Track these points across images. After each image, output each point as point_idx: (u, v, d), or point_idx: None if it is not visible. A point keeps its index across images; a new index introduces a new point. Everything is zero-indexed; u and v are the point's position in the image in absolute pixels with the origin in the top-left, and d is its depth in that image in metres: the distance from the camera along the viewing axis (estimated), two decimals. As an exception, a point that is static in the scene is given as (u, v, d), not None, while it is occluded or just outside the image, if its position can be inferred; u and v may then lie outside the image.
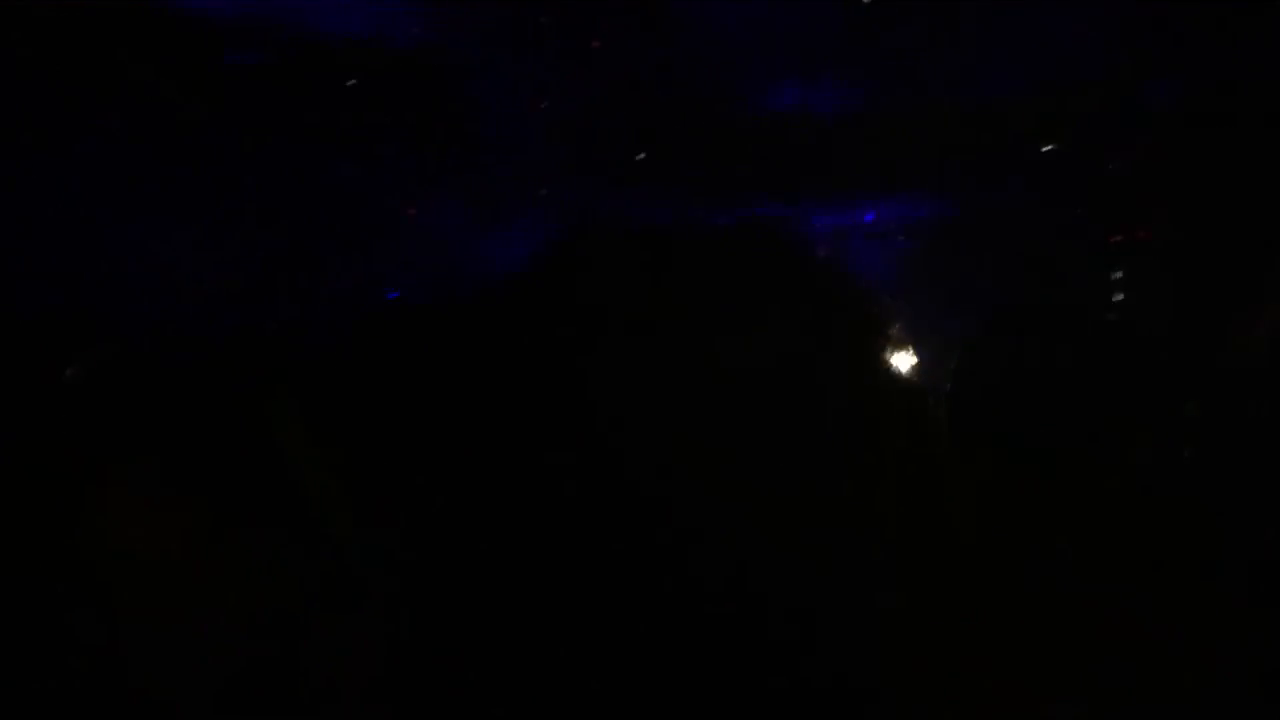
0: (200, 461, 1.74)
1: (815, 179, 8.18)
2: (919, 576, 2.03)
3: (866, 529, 2.03)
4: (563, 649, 1.86)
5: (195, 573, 1.69)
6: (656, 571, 1.83)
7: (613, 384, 1.90)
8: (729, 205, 8.64)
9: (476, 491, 1.95)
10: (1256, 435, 3.19)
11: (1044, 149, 7.50)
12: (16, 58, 6.83)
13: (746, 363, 1.99)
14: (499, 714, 1.84)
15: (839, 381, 2.07)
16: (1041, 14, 7.35)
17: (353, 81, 8.03)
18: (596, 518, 1.88)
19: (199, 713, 1.71)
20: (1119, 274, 7.28)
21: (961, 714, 2.03)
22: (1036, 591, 2.37)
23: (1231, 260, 6.48)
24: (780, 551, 1.90)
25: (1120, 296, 7.25)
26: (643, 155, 8.47)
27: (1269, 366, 3.80)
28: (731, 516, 1.90)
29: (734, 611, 1.84)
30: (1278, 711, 2.25)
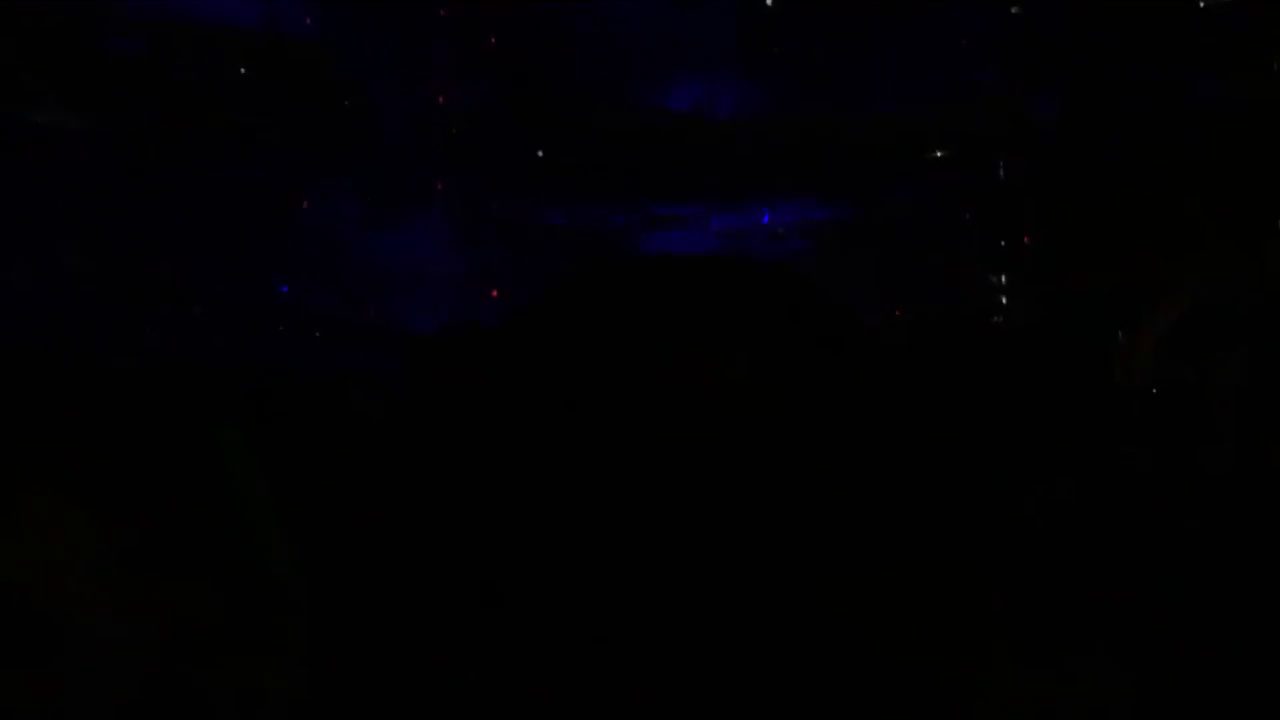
0: (137, 483, 1.70)
1: (712, 180, 8.29)
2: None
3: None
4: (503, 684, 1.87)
5: (118, 595, 1.65)
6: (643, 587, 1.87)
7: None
8: (628, 205, 8.69)
9: (420, 521, 1.96)
10: (1143, 447, 3.32)
11: (935, 155, 7.71)
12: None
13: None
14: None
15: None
16: (934, 27, 7.57)
17: (243, 72, 7.88)
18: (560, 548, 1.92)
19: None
20: (1005, 278, 7.52)
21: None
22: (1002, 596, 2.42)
23: (1114, 267, 6.75)
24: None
25: (1005, 301, 7.50)
26: (540, 153, 8.48)
27: (1154, 372, 3.93)
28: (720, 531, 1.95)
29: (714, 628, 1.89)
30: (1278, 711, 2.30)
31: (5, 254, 6.69)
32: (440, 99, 8.41)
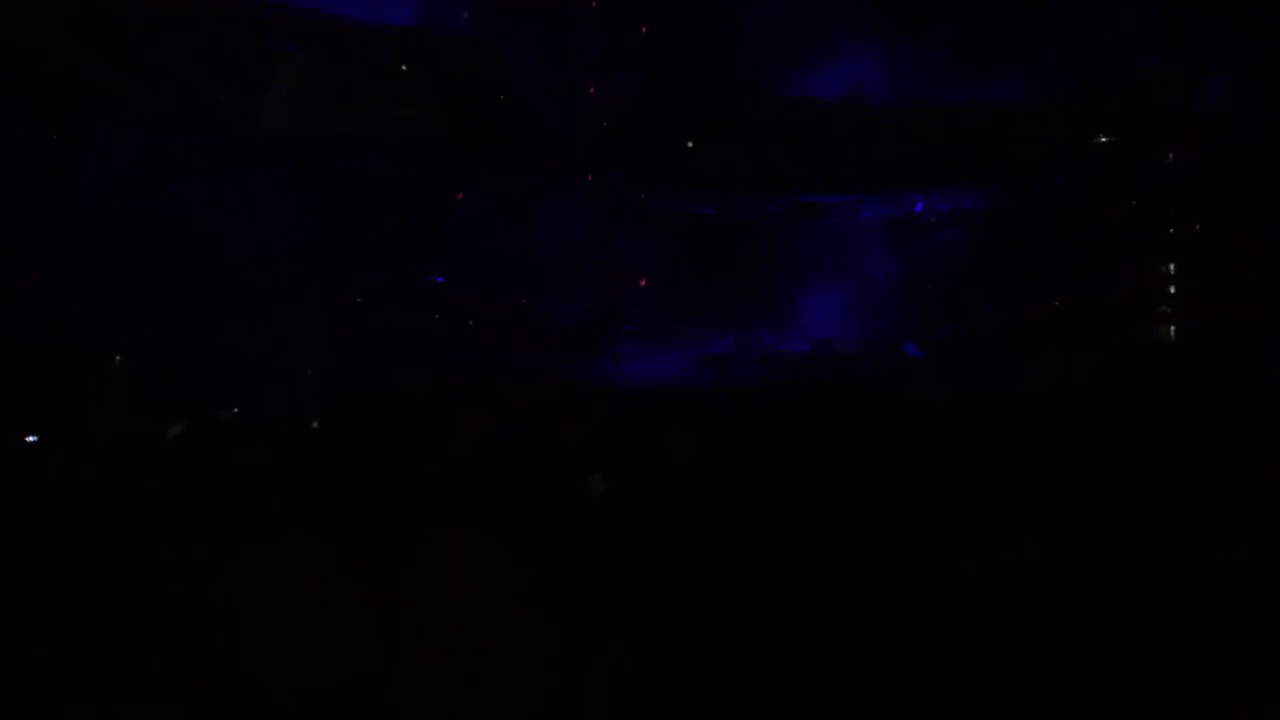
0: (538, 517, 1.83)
1: (863, 168, 8.18)
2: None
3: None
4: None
5: (520, 617, 1.79)
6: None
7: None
8: (777, 195, 8.65)
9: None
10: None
11: (1095, 143, 7.48)
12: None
13: None
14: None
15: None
16: (1095, 9, 7.31)
17: (402, 69, 8.06)
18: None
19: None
20: (1171, 267, 7.26)
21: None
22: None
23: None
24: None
25: (1173, 290, 7.24)
26: (690, 144, 8.49)
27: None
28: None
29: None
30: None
31: (179, 259, 6.96)
32: (590, 91, 8.49)
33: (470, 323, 8.49)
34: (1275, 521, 2.85)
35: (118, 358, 6.24)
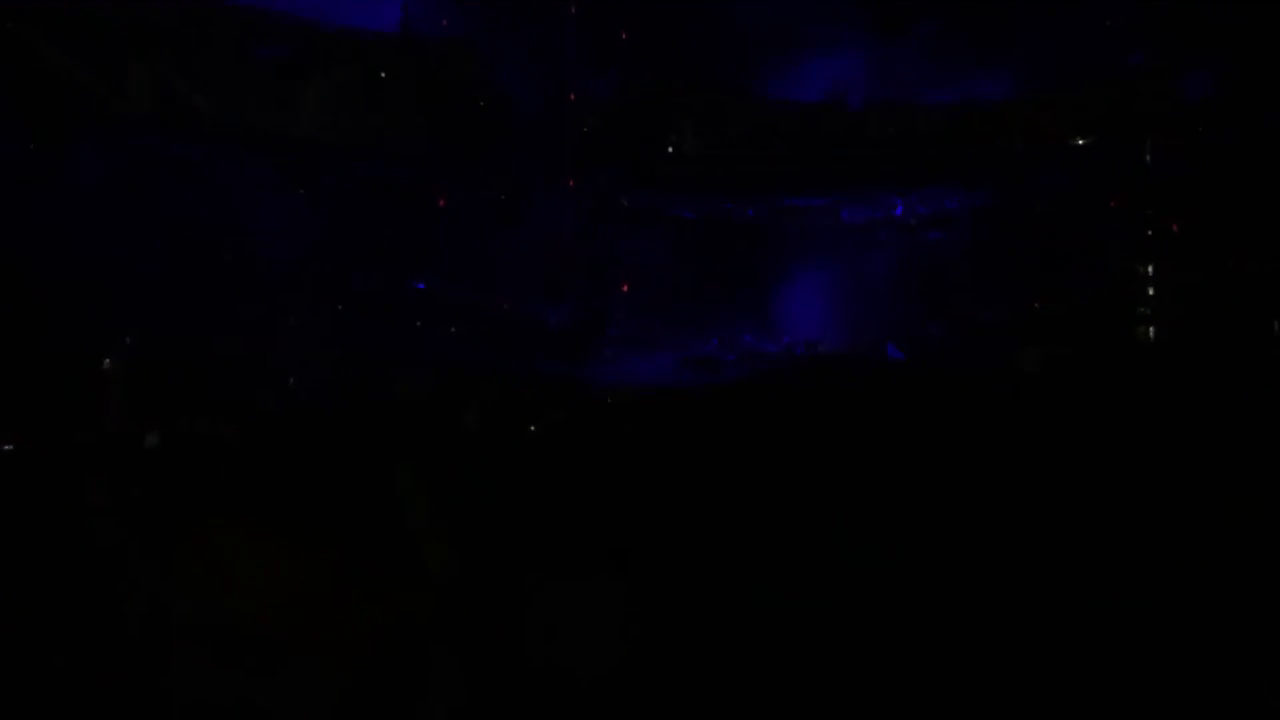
0: (325, 511, 1.79)
1: (843, 171, 8.17)
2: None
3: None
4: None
5: (311, 610, 1.74)
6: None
7: None
8: (759, 197, 8.64)
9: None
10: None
11: (1080, 141, 7.47)
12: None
13: None
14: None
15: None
16: (1080, 6, 7.30)
17: (382, 74, 8.04)
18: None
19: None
20: (1152, 267, 7.25)
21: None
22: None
23: (1268, 256, 6.46)
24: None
25: (1153, 290, 7.23)
26: (670, 147, 8.49)
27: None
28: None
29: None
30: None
31: (167, 265, 6.94)
32: (571, 95, 8.48)
33: (453, 327, 8.47)
34: (1251, 512, 2.84)
35: (107, 361, 6.24)
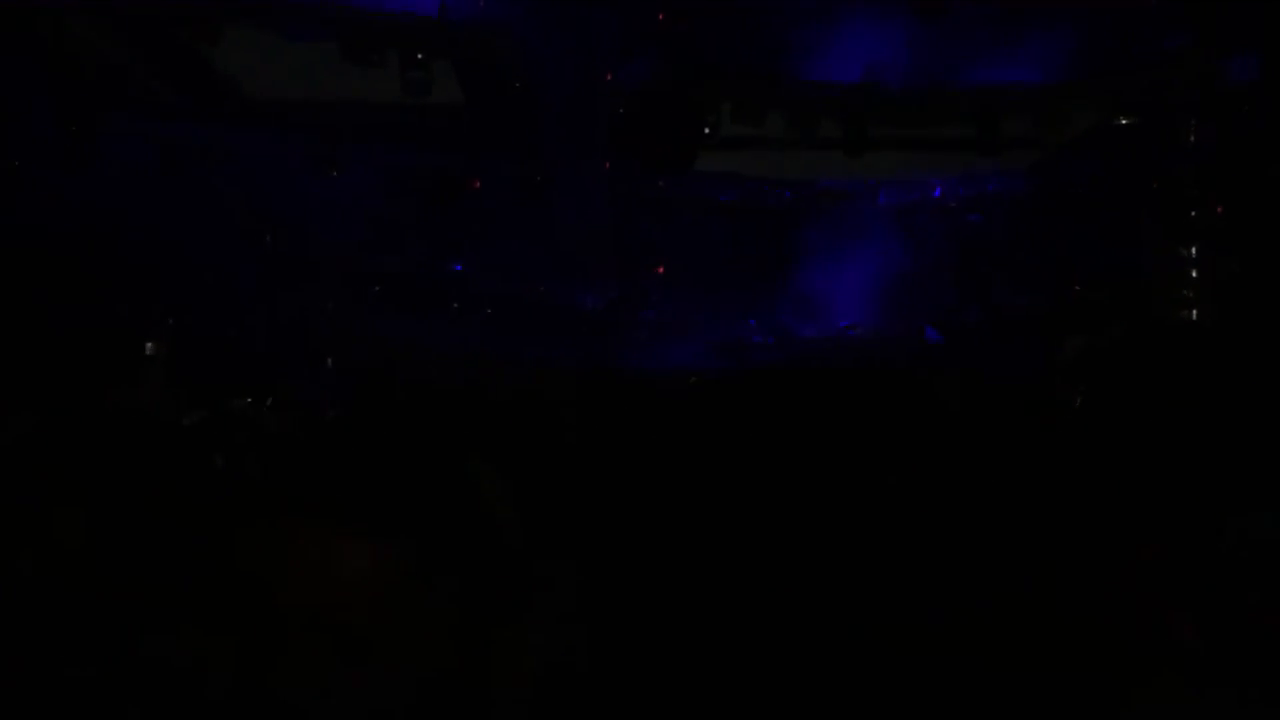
0: (397, 508, 1.80)
1: (884, 153, 8.13)
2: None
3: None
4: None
5: (390, 608, 1.76)
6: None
7: None
8: (795, 181, 8.62)
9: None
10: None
11: (1119, 124, 7.41)
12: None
13: None
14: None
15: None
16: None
17: (420, 56, 8.05)
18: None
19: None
20: (1193, 251, 7.20)
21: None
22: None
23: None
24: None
25: (1194, 274, 7.18)
26: (706, 130, 8.46)
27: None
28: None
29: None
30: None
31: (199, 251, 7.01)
32: (608, 77, 8.46)
33: (489, 310, 8.51)
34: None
35: (149, 344, 6.31)
